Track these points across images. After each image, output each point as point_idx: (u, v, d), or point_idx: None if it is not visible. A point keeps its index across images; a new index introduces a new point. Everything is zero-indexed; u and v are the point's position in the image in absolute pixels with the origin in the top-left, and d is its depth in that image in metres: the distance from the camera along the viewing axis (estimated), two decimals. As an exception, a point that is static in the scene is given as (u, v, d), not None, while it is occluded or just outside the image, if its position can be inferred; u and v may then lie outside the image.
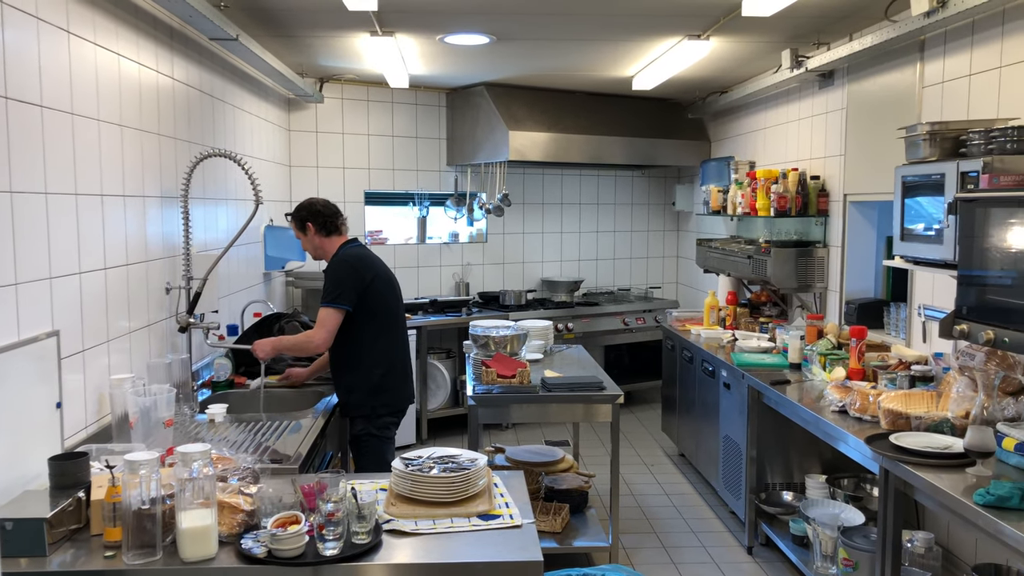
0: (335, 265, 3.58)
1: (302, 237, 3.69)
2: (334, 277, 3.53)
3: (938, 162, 3.10)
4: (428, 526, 2.19)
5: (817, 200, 4.87)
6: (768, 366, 4.31)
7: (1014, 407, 2.86)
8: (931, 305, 3.79)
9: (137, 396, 2.71)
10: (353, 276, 3.53)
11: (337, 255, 3.63)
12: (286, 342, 3.60)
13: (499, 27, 4.43)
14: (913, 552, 3.33)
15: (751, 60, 5.16)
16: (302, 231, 3.67)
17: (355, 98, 6.42)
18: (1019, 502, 2.29)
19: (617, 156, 6.51)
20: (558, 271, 7.47)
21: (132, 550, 1.96)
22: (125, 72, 3.04)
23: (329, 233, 3.66)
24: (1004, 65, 3.28)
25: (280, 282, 5.83)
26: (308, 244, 3.69)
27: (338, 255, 3.63)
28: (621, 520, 4.53)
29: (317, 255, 3.72)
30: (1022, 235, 2.52)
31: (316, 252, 3.70)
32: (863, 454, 3.02)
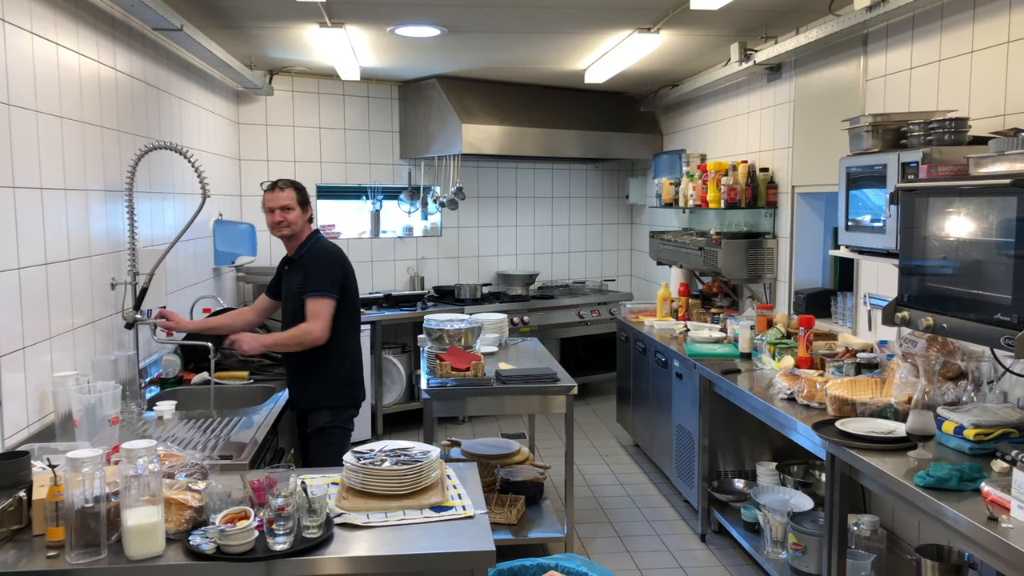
0: (323, 255, 3.55)
1: (297, 211, 3.54)
2: (323, 267, 3.51)
3: (880, 153, 3.17)
4: (380, 519, 2.18)
5: (766, 192, 4.95)
6: (719, 356, 4.37)
7: (953, 392, 2.94)
8: (876, 294, 3.88)
9: (81, 394, 2.65)
10: (339, 267, 3.55)
11: (319, 245, 3.59)
12: (280, 339, 3.50)
13: (450, 19, 4.42)
14: (859, 535, 3.41)
15: (701, 54, 5.22)
16: (301, 207, 3.57)
17: (306, 91, 6.35)
18: (957, 483, 2.35)
19: (571, 149, 6.54)
20: (513, 265, 7.48)
21: (76, 549, 1.91)
22: (64, 62, 2.96)
23: (309, 220, 3.64)
24: (943, 59, 3.37)
25: (231, 277, 5.74)
26: (299, 222, 3.55)
27: (320, 245, 3.59)
28: (577, 510, 4.56)
29: (290, 234, 3.56)
30: (959, 224, 2.59)
31: (291, 231, 3.55)
32: (811, 441, 3.08)
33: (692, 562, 4.04)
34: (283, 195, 3.53)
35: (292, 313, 3.56)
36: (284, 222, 3.52)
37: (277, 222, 3.52)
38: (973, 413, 2.71)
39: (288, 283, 3.62)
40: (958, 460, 2.56)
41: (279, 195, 3.53)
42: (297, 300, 3.52)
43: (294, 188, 3.57)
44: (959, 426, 2.68)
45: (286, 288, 3.64)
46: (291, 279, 3.59)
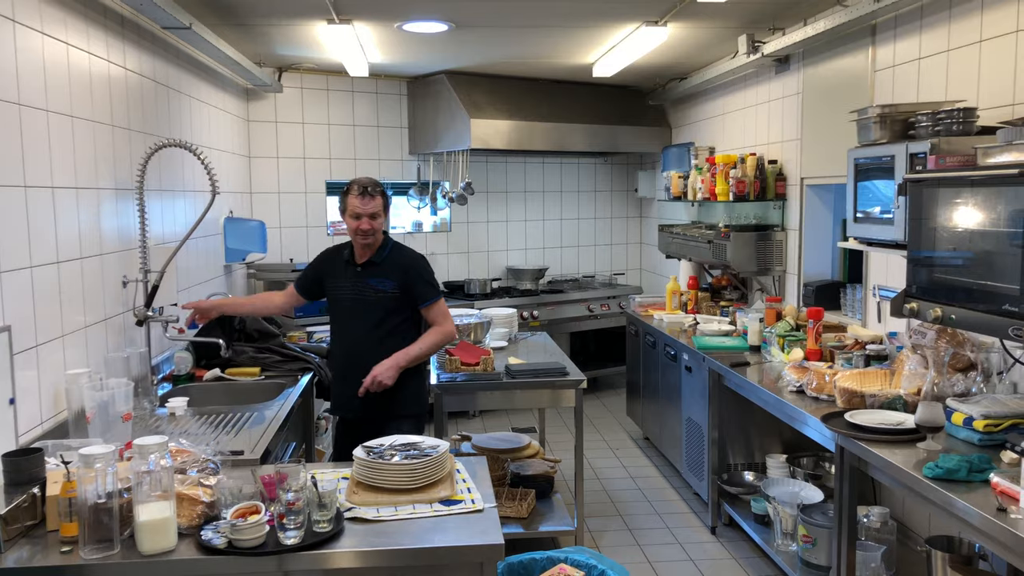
0: (417, 260, 3.49)
1: (382, 217, 3.39)
2: (426, 272, 3.47)
3: (888, 144, 3.16)
4: (390, 513, 2.20)
5: (775, 184, 4.94)
6: (728, 349, 4.37)
7: (963, 383, 2.93)
8: (885, 286, 3.87)
9: (94, 391, 2.67)
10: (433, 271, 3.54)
11: (401, 249, 3.50)
12: (422, 350, 3.40)
13: (458, 14, 4.42)
14: (869, 527, 3.41)
15: (709, 46, 5.20)
16: (386, 212, 3.42)
17: (315, 87, 6.37)
18: (967, 474, 2.35)
19: (579, 143, 6.54)
20: (523, 259, 7.49)
21: (89, 544, 1.94)
22: (75, 62, 2.98)
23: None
24: (952, 48, 3.35)
25: (241, 274, 5.78)
26: (382, 227, 3.42)
27: (403, 249, 3.52)
28: (587, 504, 4.57)
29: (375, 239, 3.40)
30: (967, 215, 2.58)
31: (375, 240, 3.40)
32: (821, 433, 3.08)
33: (702, 555, 4.05)
34: (374, 203, 3.33)
35: (375, 317, 3.41)
36: (371, 230, 3.35)
37: (365, 230, 3.34)
38: (983, 404, 2.70)
39: (362, 285, 3.43)
40: (967, 451, 2.55)
41: (370, 202, 3.32)
42: (385, 306, 3.40)
43: (383, 194, 3.39)
44: (968, 417, 2.67)
45: (359, 291, 3.43)
46: (368, 282, 3.42)
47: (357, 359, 3.42)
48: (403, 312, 3.44)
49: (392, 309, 3.42)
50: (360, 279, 3.43)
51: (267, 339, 4.07)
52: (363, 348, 3.42)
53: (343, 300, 3.48)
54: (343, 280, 3.48)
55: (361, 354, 3.41)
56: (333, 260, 3.56)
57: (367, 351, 3.40)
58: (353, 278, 3.45)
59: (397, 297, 3.40)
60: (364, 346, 3.42)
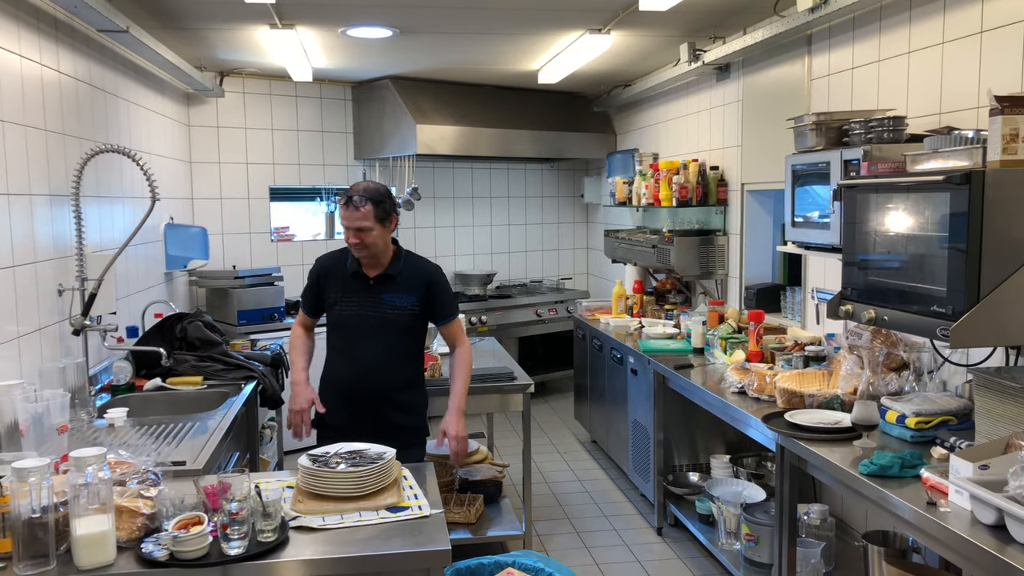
0: (439, 272, 3.25)
1: (378, 229, 3.02)
2: (447, 288, 3.25)
3: (824, 151, 3.25)
4: (336, 521, 2.18)
5: (717, 190, 5.03)
6: (673, 351, 4.44)
7: (896, 382, 3.03)
8: (823, 288, 3.98)
9: (27, 403, 2.60)
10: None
11: (418, 261, 3.24)
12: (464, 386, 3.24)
13: (402, 20, 4.42)
14: (809, 524, 3.49)
15: (651, 54, 5.28)
16: (383, 223, 3.03)
17: (257, 92, 6.29)
18: (899, 470, 2.43)
19: (525, 149, 6.57)
20: (471, 264, 7.49)
21: (24, 561, 1.88)
22: (5, 65, 2.90)
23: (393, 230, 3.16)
24: (882, 59, 3.47)
25: (183, 282, 5.67)
26: (381, 239, 3.05)
27: (421, 261, 3.25)
28: (535, 508, 4.59)
29: (372, 252, 3.08)
30: (898, 219, 2.68)
31: (371, 253, 3.08)
32: (762, 433, 3.15)
33: (649, 556, 4.10)
34: (358, 214, 2.98)
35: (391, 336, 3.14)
36: (361, 244, 3.03)
37: (354, 244, 3.04)
38: (914, 402, 2.80)
39: (375, 301, 3.13)
40: (900, 448, 2.64)
41: (354, 214, 2.99)
42: (402, 323, 3.14)
43: (373, 203, 2.99)
44: (901, 415, 2.76)
45: (372, 306, 3.13)
46: (383, 297, 3.12)
47: (368, 383, 3.13)
48: (417, 331, 3.22)
49: (410, 327, 3.16)
50: (374, 295, 3.12)
51: (209, 347, 4.00)
52: (376, 370, 3.13)
53: (350, 317, 3.15)
54: (351, 295, 3.15)
55: (373, 377, 3.13)
56: (334, 271, 3.22)
57: (381, 374, 3.13)
58: (364, 292, 3.13)
59: (417, 314, 3.15)
60: (377, 368, 3.13)
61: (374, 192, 3.03)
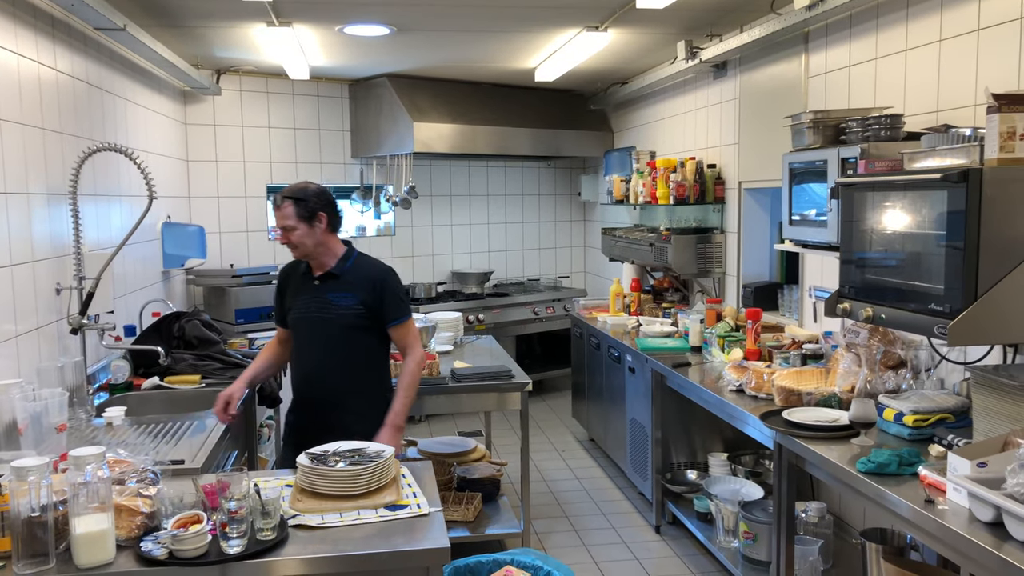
0: (393, 273, 3.16)
1: (303, 228, 2.98)
2: (401, 286, 3.18)
3: (821, 149, 3.26)
4: (335, 519, 2.18)
5: (714, 188, 5.04)
6: (670, 350, 4.44)
7: (894, 380, 3.04)
8: (820, 286, 3.98)
9: (26, 401, 2.59)
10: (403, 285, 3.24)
11: (367, 261, 3.17)
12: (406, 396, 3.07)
13: (399, 18, 4.41)
14: (807, 521, 3.50)
15: (649, 52, 5.29)
16: (308, 222, 2.98)
17: (254, 90, 6.28)
18: (897, 468, 2.44)
19: (523, 147, 6.58)
20: (468, 263, 7.49)
21: (23, 560, 1.88)
22: (2, 63, 2.89)
23: (335, 230, 3.09)
24: (879, 57, 3.47)
25: (180, 280, 5.66)
26: (309, 238, 3.00)
27: (370, 261, 3.18)
28: (533, 506, 4.59)
29: (314, 252, 3.06)
30: (895, 217, 2.68)
31: (315, 248, 3.05)
32: (760, 431, 3.16)
33: (647, 554, 4.11)
34: (280, 213, 3.01)
35: (332, 339, 3.07)
36: (290, 243, 3.03)
37: (284, 243, 3.06)
38: (912, 400, 2.80)
39: (321, 301, 3.08)
40: (898, 446, 2.65)
41: (278, 213, 3.02)
42: (346, 324, 3.06)
43: (293, 201, 2.98)
44: (899, 413, 2.77)
45: (319, 308, 3.08)
46: (328, 297, 3.07)
47: (317, 386, 3.12)
48: (368, 332, 3.11)
49: (356, 327, 3.07)
50: (319, 294, 3.09)
51: (207, 346, 3.99)
52: (323, 373, 3.10)
53: (300, 318, 3.13)
54: (301, 296, 3.14)
55: (321, 380, 3.10)
56: (292, 274, 3.23)
57: (327, 376, 3.10)
58: (311, 293, 3.11)
59: (362, 314, 3.07)
60: (324, 371, 3.10)
61: (297, 191, 3.02)
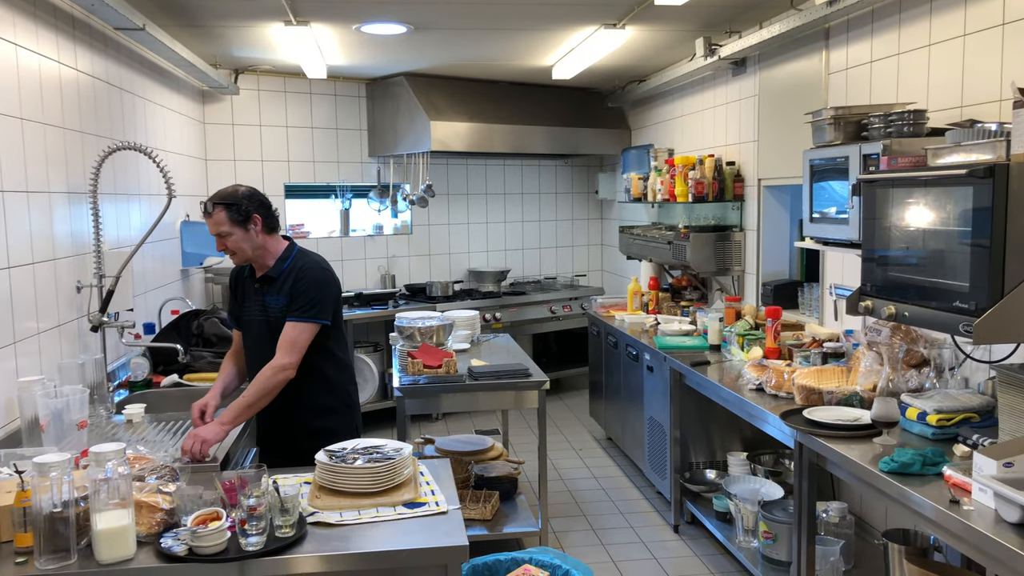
0: (314, 273, 2.95)
1: (238, 233, 2.87)
2: (315, 288, 2.91)
3: (843, 145, 3.22)
4: (353, 517, 2.18)
5: (733, 185, 5.00)
6: (689, 348, 4.41)
7: (917, 379, 3.00)
8: (841, 284, 3.94)
9: (48, 398, 2.61)
10: (334, 288, 3.01)
11: (306, 260, 3.00)
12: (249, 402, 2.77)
13: (416, 16, 4.41)
14: (828, 521, 3.47)
15: (667, 49, 5.26)
16: (242, 225, 2.87)
17: (272, 89, 6.30)
18: (920, 468, 2.40)
19: (540, 145, 6.56)
20: (484, 261, 7.49)
21: (45, 555, 1.90)
22: (23, 63, 2.92)
23: (272, 230, 2.98)
24: (902, 52, 3.43)
25: (199, 279, 5.69)
26: (246, 242, 2.89)
27: (308, 262, 2.99)
28: (551, 505, 4.59)
29: (253, 256, 2.94)
30: (918, 214, 2.65)
31: (254, 252, 2.93)
32: (780, 430, 3.13)
33: (666, 553, 4.08)
34: (212, 220, 2.87)
35: (269, 339, 2.92)
36: (226, 250, 2.92)
37: (221, 251, 2.94)
38: (935, 399, 2.77)
39: (260, 304, 2.98)
40: (921, 445, 2.61)
41: (209, 221, 2.89)
42: (278, 327, 2.89)
43: (224, 206, 2.86)
44: (922, 412, 2.73)
45: (259, 311, 2.99)
46: (265, 300, 2.97)
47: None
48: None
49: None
50: (259, 297, 3.00)
51: (225, 344, 4.00)
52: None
53: (246, 320, 3.07)
54: (247, 299, 3.07)
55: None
56: (239, 278, 3.14)
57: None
58: (253, 296, 3.03)
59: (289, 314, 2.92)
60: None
61: (227, 196, 2.89)
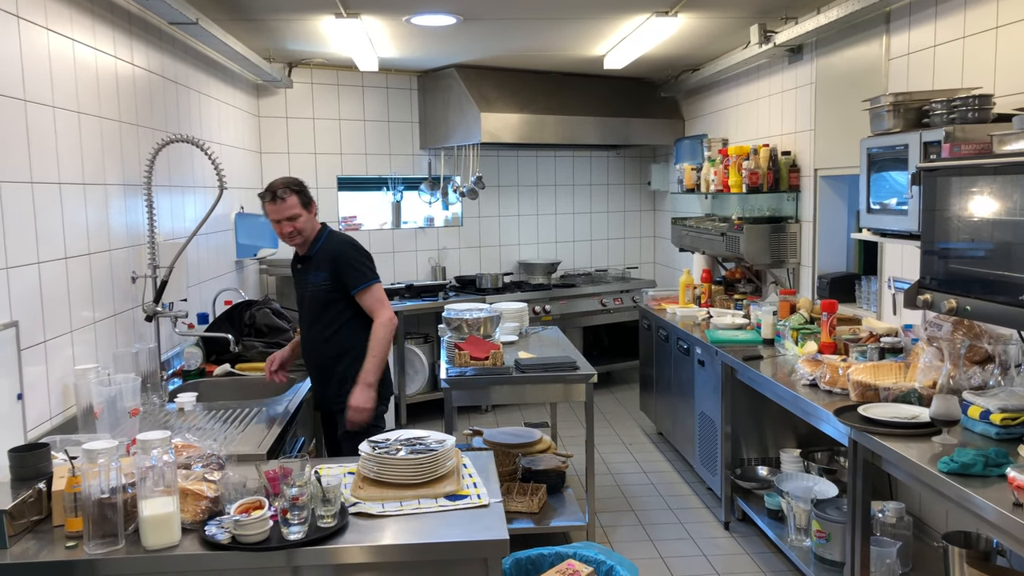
0: (350, 245, 3.43)
1: (305, 215, 3.35)
2: (359, 256, 3.41)
3: (902, 133, 3.10)
4: (395, 508, 2.18)
5: (788, 176, 4.88)
6: (741, 342, 4.32)
7: (980, 376, 2.88)
8: (900, 277, 3.81)
9: (101, 386, 2.67)
10: (367, 255, 3.46)
11: (335, 238, 3.46)
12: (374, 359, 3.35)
13: (466, 6, 4.39)
14: (884, 522, 3.36)
15: (720, 36, 5.14)
16: (307, 209, 3.38)
17: (325, 82, 6.36)
18: (983, 469, 2.30)
19: (591, 136, 6.49)
20: (535, 253, 7.46)
21: (94, 540, 1.94)
22: (81, 58, 2.98)
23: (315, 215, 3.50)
24: (967, 35, 3.29)
25: (253, 270, 5.79)
26: (308, 224, 3.38)
27: (337, 238, 3.47)
28: (600, 499, 4.55)
29: (305, 237, 3.40)
30: (983, 204, 2.53)
31: (304, 238, 3.40)
32: (834, 427, 3.04)
33: (715, 550, 4.01)
34: (286, 205, 3.32)
35: (313, 313, 3.44)
36: (294, 231, 3.36)
37: (288, 233, 3.37)
38: (1000, 397, 2.65)
39: (303, 282, 3.48)
40: (984, 445, 2.51)
41: (282, 206, 3.32)
42: (320, 299, 3.41)
43: (295, 192, 3.34)
44: (985, 411, 2.62)
45: (301, 287, 3.51)
46: (306, 278, 3.45)
47: (309, 352, 3.52)
48: (338, 304, 3.41)
49: (327, 303, 3.40)
50: (303, 276, 3.49)
51: (277, 334, 4.07)
52: (310, 345, 3.50)
53: (298, 296, 3.57)
54: (296, 276, 3.58)
55: (311, 352, 3.50)
56: (294, 264, 3.62)
57: (314, 349, 3.48)
58: (299, 275, 3.53)
59: (328, 289, 3.39)
60: (311, 344, 3.49)
61: (293, 182, 3.37)
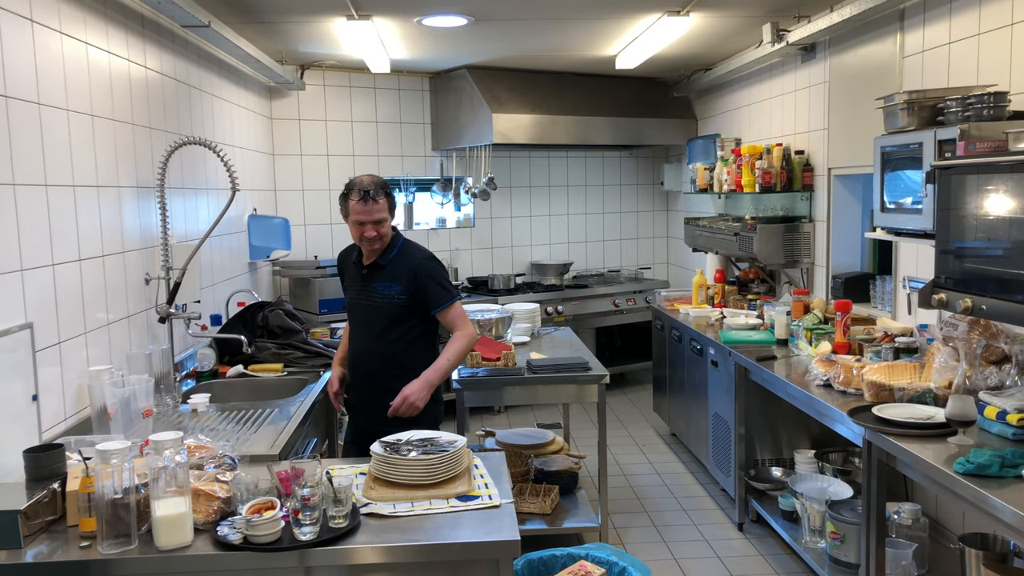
0: (431, 259, 3.25)
1: (388, 222, 3.16)
2: (442, 271, 3.24)
3: (916, 131, 3.08)
4: (406, 509, 2.18)
5: (802, 175, 4.85)
6: (755, 343, 4.30)
7: (996, 376, 2.85)
8: (915, 277, 3.78)
9: (115, 387, 2.69)
10: (447, 270, 3.32)
11: (411, 248, 3.27)
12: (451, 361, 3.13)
13: (476, 7, 4.39)
14: (900, 523, 3.33)
15: (733, 36, 5.12)
16: (392, 213, 3.19)
17: (337, 84, 6.38)
18: (999, 470, 2.28)
19: (603, 136, 6.48)
20: (547, 254, 7.45)
21: (107, 540, 1.95)
22: (94, 61, 3.00)
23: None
24: (983, 32, 3.26)
25: (266, 271, 5.81)
26: (389, 232, 3.19)
27: (413, 248, 3.28)
28: (613, 500, 4.54)
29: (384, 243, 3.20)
30: (998, 202, 2.51)
31: (386, 240, 3.19)
32: (849, 428, 3.02)
33: (729, 552, 3.99)
34: (378, 207, 3.08)
35: (379, 326, 3.20)
36: (377, 236, 3.12)
37: (371, 237, 3.12)
38: (1017, 398, 2.63)
39: (367, 290, 3.23)
40: (1000, 446, 2.48)
41: (373, 208, 3.07)
42: (390, 313, 3.18)
43: (387, 195, 3.13)
44: (1002, 411, 2.60)
45: (366, 296, 3.23)
46: (373, 286, 3.21)
47: (364, 368, 3.27)
48: (411, 319, 3.20)
49: (398, 316, 3.19)
50: (366, 283, 3.24)
51: (289, 335, 4.08)
52: (369, 356, 3.24)
53: (352, 304, 3.34)
54: (354, 283, 3.31)
55: (368, 363, 3.25)
56: (347, 260, 3.42)
57: (373, 360, 3.23)
58: (361, 281, 3.26)
59: (404, 303, 3.17)
60: (370, 354, 3.23)
61: (384, 184, 3.16)
